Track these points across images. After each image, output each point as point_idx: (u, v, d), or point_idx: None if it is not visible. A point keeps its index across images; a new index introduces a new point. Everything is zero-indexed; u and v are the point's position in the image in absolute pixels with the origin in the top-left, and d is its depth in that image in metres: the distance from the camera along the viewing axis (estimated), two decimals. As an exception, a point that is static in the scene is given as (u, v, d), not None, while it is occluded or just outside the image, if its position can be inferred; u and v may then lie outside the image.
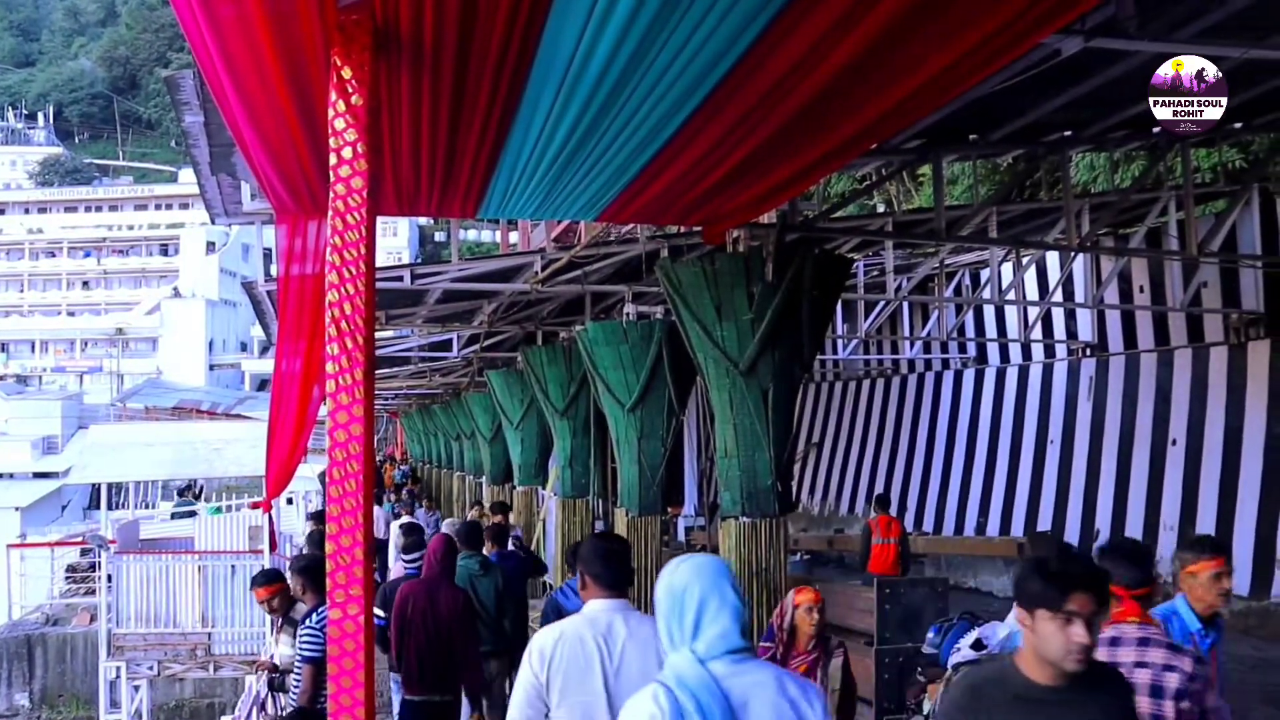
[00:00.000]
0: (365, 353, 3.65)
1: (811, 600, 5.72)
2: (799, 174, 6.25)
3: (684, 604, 2.80)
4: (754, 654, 2.92)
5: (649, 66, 4.34)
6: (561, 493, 15.61)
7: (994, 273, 15.38)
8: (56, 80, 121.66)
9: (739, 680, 2.73)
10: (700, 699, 2.65)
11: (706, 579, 2.81)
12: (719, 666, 2.73)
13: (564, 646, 3.81)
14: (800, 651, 5.72)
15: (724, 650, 2.75)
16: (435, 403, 32.91)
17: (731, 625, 2.77)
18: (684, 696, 2.65)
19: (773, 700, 2.74)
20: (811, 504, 24.03)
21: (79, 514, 47.34)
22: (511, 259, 13.58)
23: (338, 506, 3.61)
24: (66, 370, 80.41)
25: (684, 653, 2.76)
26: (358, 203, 3.66)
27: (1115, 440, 16.25)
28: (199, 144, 6.27)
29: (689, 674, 2.71)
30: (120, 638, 15.00)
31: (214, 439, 17.58)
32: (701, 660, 2.74)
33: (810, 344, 8.86)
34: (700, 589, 2.79)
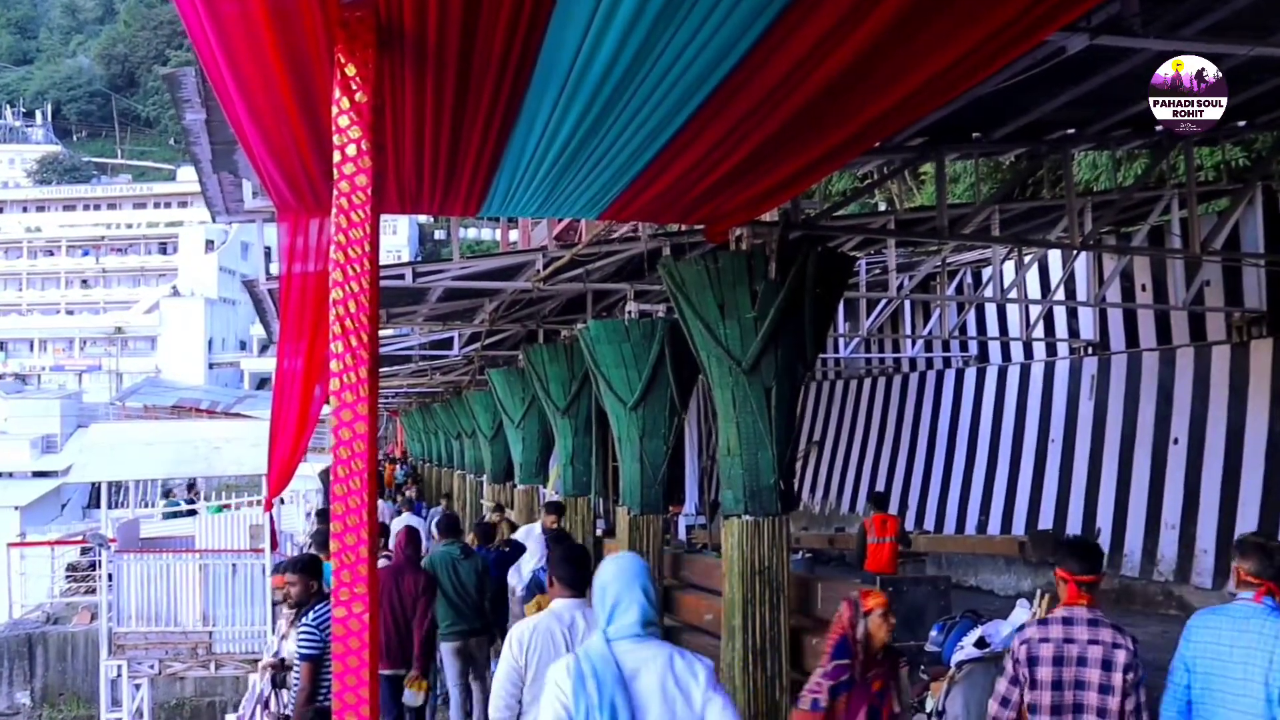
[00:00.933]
0: (369, 351, 3.65)
1: (883, 604, 5.30)
2: (801, 172, 6.25)
3: (604, 597, 3.58)
4: (656, 636, 3.59)
5: (653, 65, 4.34)
6: (563, 491, 15.58)
7: (996, 271, 15.36)
8: (55, 78, 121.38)
9: (634, 655, 3.48)
10: (597, 667, 3.43)
11: (623, 580, 3.57)
12: (622, 645, 3.49)
13: (537, 637, 4.73)
14: (874, 663, 5.26)
15: (629, 634, 3.50)
16: (436, 401, 32.90)
17: (637, 616, 3.51)
18: (586, 665, 3.45)
19: (660, 672, 3.47)
20: (813, 502, 24.01)
21: (78, 513, 47.28)
22: (513, 257, 13.57)
23: (342, 505, 3.62)
24: (65, 369, 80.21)
25: (599, 634, 3.56)
26: (362, 200, 3.66)
27: (1117, 439, 16.23)
28: (200, 142, 6.25)
29: (595, 649, 3.51)
30: (121, 636, 15.01)
31: (214, 438, 17.55)
32: (609, 640, 3.51)
33: (813, 342, 8.84)
34: (617, 588, 3.56)
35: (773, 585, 8.61)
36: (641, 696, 3.44)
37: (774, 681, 8.62)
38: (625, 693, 3.42)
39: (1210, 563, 14.15)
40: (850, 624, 5.28)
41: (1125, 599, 14.92)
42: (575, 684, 3.43)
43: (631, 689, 3.43)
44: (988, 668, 6.35)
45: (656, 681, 3.46)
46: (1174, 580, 14.63)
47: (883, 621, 5.25)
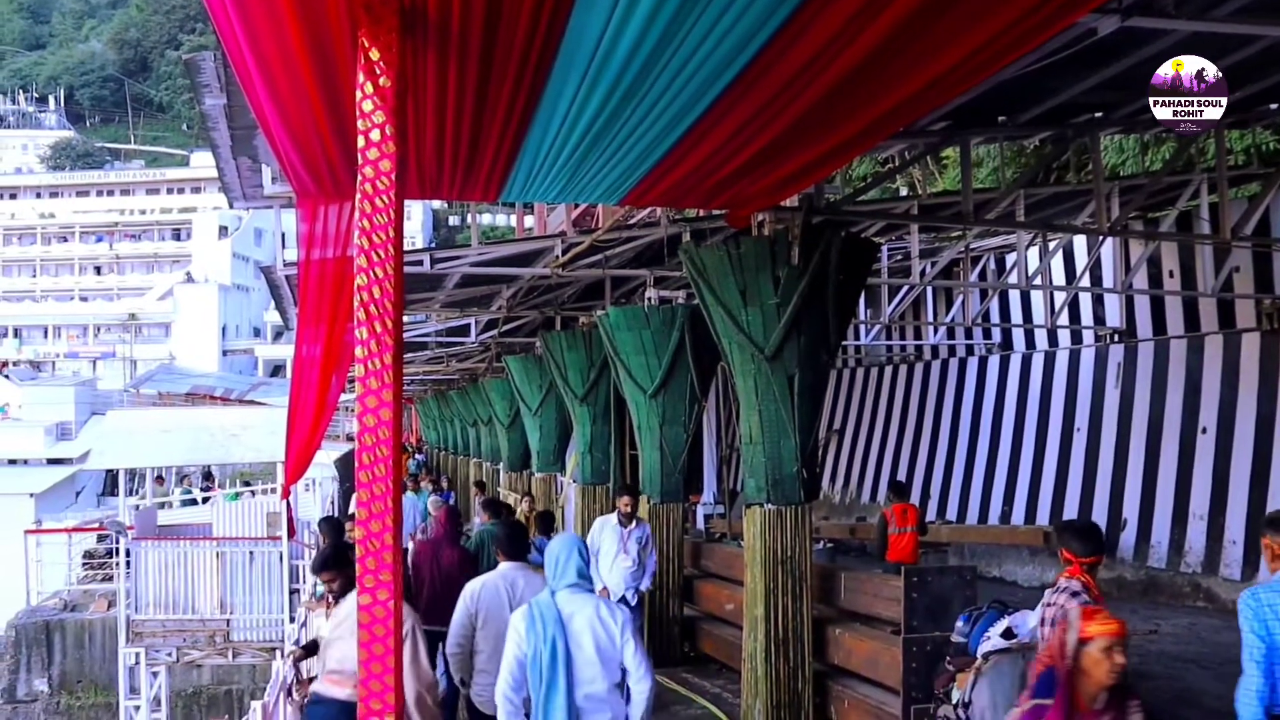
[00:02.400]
0: (394, 337, 3.64)
1: (1111, 634, 3.87)
2: (824, 157, 6.19)
3: (553, 562, 4.81)
4: (588, 590, 4.82)
5: (675, 50, 4.31)
6: (581, 479, 15.54)
7: (1020, 257, 15.20)
8: (67, 63, 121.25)
9: (570, 603, 4.69)
10: (544, 611, 4.65)
11: (565, 549, 4.84)
12: (562, 595, 4.72)
13: (486, 591, 5.95)
14: (1086, 710, 3.90)
15: (568, 584, 4.73)
16: (452, 388, 32.93)
17: (574, 571, 4.75)
18: (535, 611, 4.67)
19: (589, 615, 4.67)
20: (833, 492, 23.90)
21: (93, 500, 47.38)
22: (531, 243, 13.50)
23: (367, 492, 3.62)
24: (79, 356, 79.88)
25: (546, 590, 4.80)
26: (385, 185, 3.64)
27: (1143, 428, 16.04)
28: (219, 127, 6.21)
29: (542, 600, 4.73)
30: (139, 624, 15.04)
31: (231, 425, 17.49)
32: (553, 591, 4.74)
33: (836, 329, 8.75)
34: (562, 554, 4.80)
35: (795, 575, 8.55)
36: (575, 633, 4.64)
37: (797, 672, 8.56)
38: (563, 630, 4.62)
39: (1239, 554, 13.97)
40: (1062, 653, 3.95)
41: (1152, 590, 14.78)
42: (528, 625, 4.64)
43: (568, 627, 4.64)
44: (1015, 658, 6.25)
45: (586, 621, 4.66)
46: (1202, 572, 14.48)
47: (1104, 658, 3.88)
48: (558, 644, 4.56)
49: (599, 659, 4.63)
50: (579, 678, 4.60)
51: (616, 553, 9.74)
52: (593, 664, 4.63)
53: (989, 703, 6.22)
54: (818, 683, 8.78)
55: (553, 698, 4.54)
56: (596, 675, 4.63)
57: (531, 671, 4.59)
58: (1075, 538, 5.47)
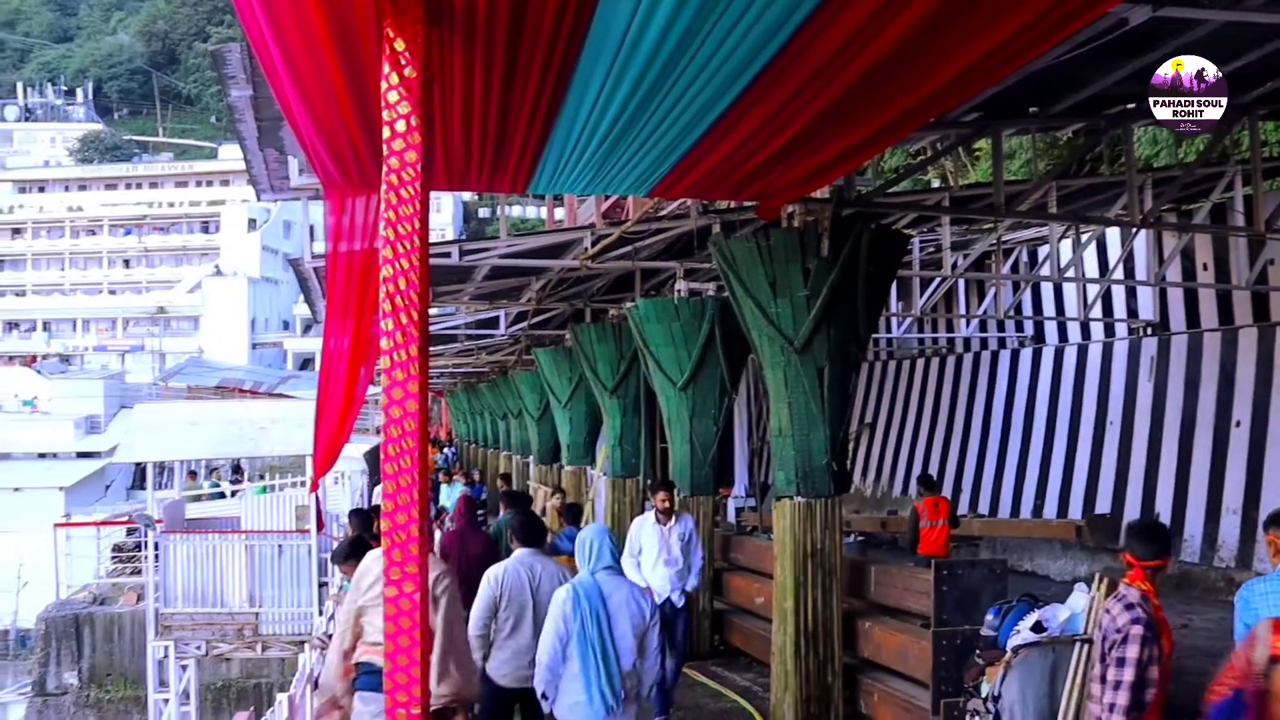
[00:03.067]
0: (420, 329, 3.62)
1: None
2: (854, 148, 6.13)
3: (587, 549, 5.48)
4: (619, 573, 5.57)
5: (704, 39, 4.26)
6: (611, 472, 15.55)
7: (1053, 250, 15.09)
8: (95, 55, 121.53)
9: (608, 583, 5.40)
10: (587, 590, 5.33)
11: (598, 537, 5.53)
12: (601, 575, 5.40)
13: (509, 575, 6.41)
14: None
15: (603, 568, 5.41)
16: (482, 381, 32.99)
17: (609, 559, 5.45)
18: (579, 589, 5.35)
19: (624, 595, 5.40)
20: (864, 485, 23.83)
21: (122, 494, 47.56)
22: (561, 235, 13.51)
23: (393, 484, 3.60)
24: (108, 349, 79.87)
25: (585, 571, 5.44)
26: (411, 176, 3.62)
27: (1177, 422, 15.91)
28: (245, 118, 6.25)
29: (584, 579, 5.41)
30: (168, 617, 15.03)
31: (260, 418, 17.47)
32: (592, 573, 5.41)
33: (866, 321, 8.73)
34: (595, 542, 5.48)
35: (825, 568, 8.54)
36: (614, 609, 5.33)
37: (826, 665, 8.55)
38: (605, 606, 5.32)
39: (1273, 548, 13.83)
40: (1251, 672, 3.36)
41: (1185, 585, 14.65)
42: (573, 602, 5.30)
43: (609, 604, 5.33)
44: (1045, 652, 6.24)
45: (623, 600, 5.39)
46: (1235, 566, 14.34)
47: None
48: (601, 618, 5.26)
49: (631, 634, 5.33)
50: (619, 648, 5.28)
51: (659, 552, 9.04)
52: (626, 638, 5.32)
53: (1019, 696, 6.21)
54: (847, 676, 8.77)
55: (598, 663, 5.19)
56: (629, 648, 5.32)
57: (578, 643, 5.23)
58: (1138, 539, 4.95)
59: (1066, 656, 6.17)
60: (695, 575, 9.27)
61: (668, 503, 9.13)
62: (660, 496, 9.17)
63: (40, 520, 30.48)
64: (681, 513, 9.49)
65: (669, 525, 9.06)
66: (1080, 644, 6.15)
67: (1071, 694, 6.01)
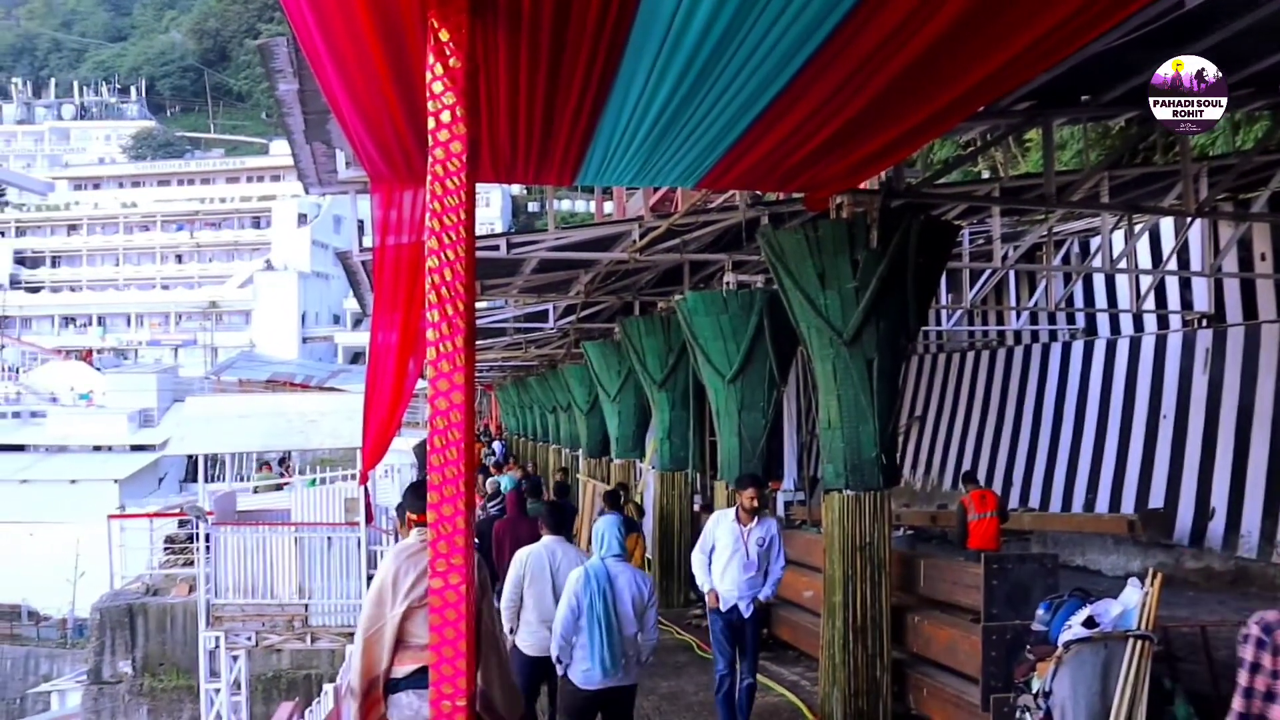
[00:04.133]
0: (466, 319, 3.62)
1: None
2: (903, 138, 6.08)
3: (599, 538, 6.37)
4: (624, 560, 6.38)
5: (750, 29, 4.24)
6: (660, 466, 15.55)
7: (1105, 240, 14.87)
8: (148, 54, 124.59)
9: (615, 567, 6.26)
10: (596, 572, 6.20)
11: (609, 529, 6.38)
12: (609, 560, 6.27)
13: (533, 558, 7.28)
14: None
15: (611, 555, 6.29)
16: (531, 375, 33.11)
17: (616, 545, 6.32)
18: (590, 570, 6.22)
19: (628, 578, 6.26)
20: (914, 479, 23.64)
21: (175, 486, 48.44)
22: (609, 227, 13.50)
23: (439, 475, 3.60)
24: (161, 344, 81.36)
25: (596, 557, 6.34)
26: (456, 167, 3.63)
27: (1233, 415, 15.60)
28: (293, 112, 6.29)
29: (594, 563, 6.29)
30: (219, 608, 15.25)
31: (310, 410, 17.61)
32: (603, 559, 6.28)
33: (916, 313, 8.64)
34: (606, 534, 6.35)
35: (874, 562, 8.47)
36: (618, 589, 6.21)
37: (875, 660, 8.49)
38: (611, 586, 6.19)
39: (1334, 544, 13.56)
40: None
41: (1242, 581, 14.39)
42: (585, 582, 6.19)
43: (615, 585, 6.21)
44: (1096, 648, 6.14)
45: (625, 582, 6.26)
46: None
47: None
48: (608, 596, 6.17)
49: (632, 610, 6.25)
50: (621, 621, 6.20)
51: (732, 553, 8.15)
52: (627, 613, 6.24)
53: (1070, 692, 6.12)
54: (896, 670, 8.70)
55: (602, 634, 6.12)
56: (629, 622, 6.23)
57: (587, 617, 6.15)
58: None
59: (1119, 653, 6.07)
60: (771, 585, 8.26)
61: (755, 500, 8.18)
62: (748, 494, 8.16)
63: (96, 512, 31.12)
64: (766, 514, 8.49)
65: (749, 526, 8.14)
66: (1134, 640, 6.05)
67: (1124, 691, 5.92)
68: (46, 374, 66.07)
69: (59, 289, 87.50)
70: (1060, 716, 6.11)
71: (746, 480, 8.43)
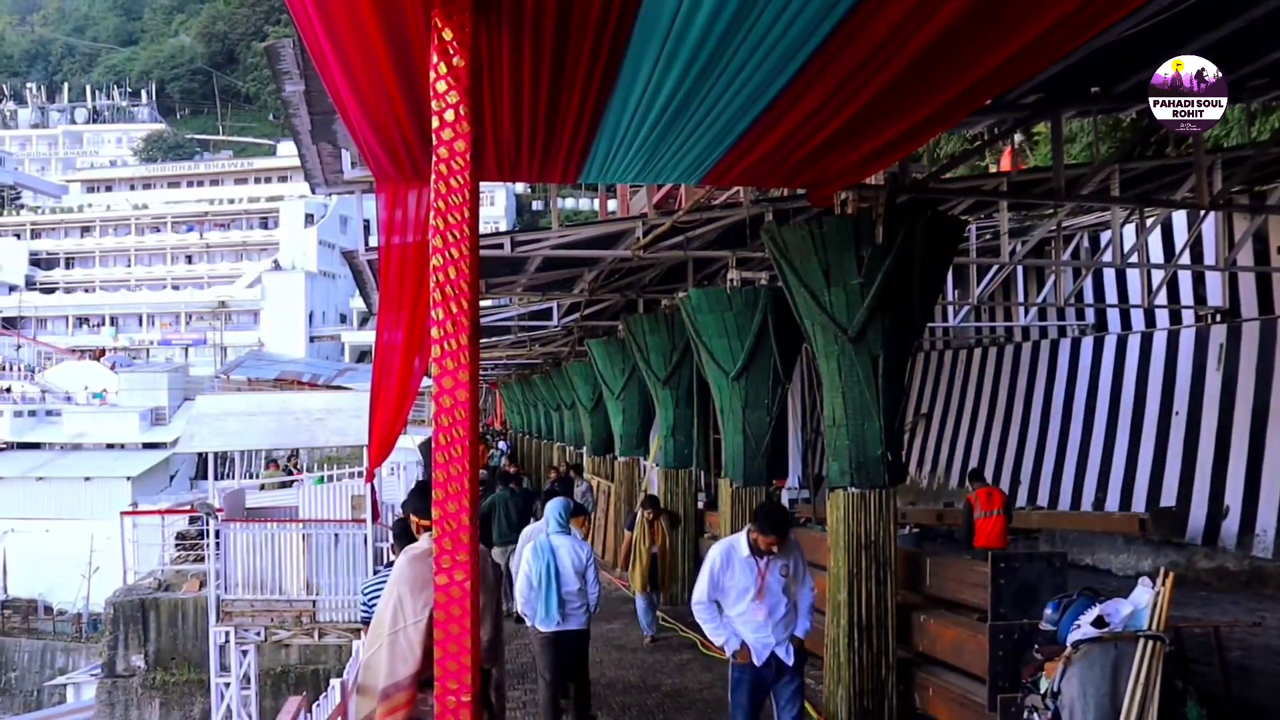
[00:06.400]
0: (470, 318, 3.67)
1: None
2: (909, 132, 6.02)
3: (547, 518, 8.31)
4: (566, 532, 8.20)
5: (753, 24, 4.22)
6: (664, 463, 15.51)
7: (1115, 235, 14.76)
8: (158, 57, 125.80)
9: (556, 539, 8.14)
10: (541, 545, 8.12)
11: (553, 511, 8.27)
12: (553, 535, 8.18)
13: (535, 546, 8.37)
14: None
15: (554, 530, 8.17)
16: (535, 373, 33.15)
17: (558, 524, 8.19)
18: (538, 544, 8.15)
19: (568, 547, 8.12)
20: (920, 476, 23.55)
21: (186, 484, 48.83)
22: (613, 225, 13.45)
23: (443, 473, 3.66)
24: (172, 343, 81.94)
25: (543, 533, 8.29)
26: (460, 165, 3.67)
27: (1248, 412, 15.46)
28: (299, 113, 6.28)
29: (541, 538, 8.22)
30: (228, 604, 15.40)
31: (316, 408, 17.77)
32: (548, 535, 8.20)
33: (921, 310, 8.59)
34: (550, 515, 8.27)
35: (879, 560, 8.43)
36: (560, 558, 8.04)
37: (880, 659, 8.44)
38: (554, 556, 8.02)
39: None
40: None
41: (1256, 581, 14.28)
42: (534, 553, 8.06)
43: (557, 555, 8.04)
44: (1106, 648, 6.06)
45: (567, 551, 8.08)
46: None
47: None
48: (550, 564, 8.00)
49: (573, 572, 8.05)
50: (563, 581, 8.02)
51: (751, 594, 6.60)
52: (569, 574, 8.04)
53: (1079, 692, 6.03)
54: (902, 670, 8.65)
55: (549, 593, 7.98)
56: (571, 580, 8.05)
57: (538, 581, 7.98)
58: None
59: (1129, 653, 5.98)
60: (805, 616, 6.80)
61: (775, 547, 6.50)
62: (768, 540, 6.47)
63: (109, 509, 31.34)
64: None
65: (766, 559, 6.59)
66: (1145, 641, 5.96)
67: (1135, 692, 5.82)
68: (61, 373, 66.58)
69: (73, 290, 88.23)
70: (1069, 717, 6.03)
71: (768, 527, 6.49)
